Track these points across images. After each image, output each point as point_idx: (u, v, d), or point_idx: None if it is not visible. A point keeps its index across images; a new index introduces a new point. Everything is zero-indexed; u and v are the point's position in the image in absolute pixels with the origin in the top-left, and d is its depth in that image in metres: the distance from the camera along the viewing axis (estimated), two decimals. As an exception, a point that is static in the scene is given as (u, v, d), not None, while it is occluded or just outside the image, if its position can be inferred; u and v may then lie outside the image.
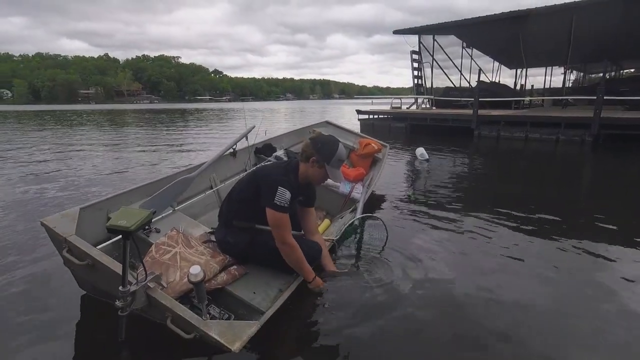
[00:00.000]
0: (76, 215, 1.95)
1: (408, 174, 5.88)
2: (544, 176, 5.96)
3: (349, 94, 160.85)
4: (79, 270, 1.88)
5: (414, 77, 16.52)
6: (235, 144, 3.39)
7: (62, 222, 1.86)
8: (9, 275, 2.43)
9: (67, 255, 1.75)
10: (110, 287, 1.62)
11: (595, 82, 18.91)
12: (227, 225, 2.17)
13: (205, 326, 1.48)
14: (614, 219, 3.48)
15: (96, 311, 2.01)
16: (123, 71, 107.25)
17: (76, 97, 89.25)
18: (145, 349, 1.75)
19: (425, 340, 1.81)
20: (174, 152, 8.38)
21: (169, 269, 1.87)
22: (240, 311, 1.91)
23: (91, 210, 2.10)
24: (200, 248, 2.12)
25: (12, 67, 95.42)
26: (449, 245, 2.88)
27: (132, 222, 1.47)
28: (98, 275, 1.76)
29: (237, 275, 2.06)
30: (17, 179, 5.42)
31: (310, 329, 1.90)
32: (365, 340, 1.78)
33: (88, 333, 1.89)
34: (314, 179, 2.14)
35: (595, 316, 1.98)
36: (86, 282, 2.03)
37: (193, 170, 2.86)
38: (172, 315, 1.54)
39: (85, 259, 1.71)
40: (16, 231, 3.25)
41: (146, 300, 1.58)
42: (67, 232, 1.79)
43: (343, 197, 3.46)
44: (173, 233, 2.13)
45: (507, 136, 9.89)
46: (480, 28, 13.96)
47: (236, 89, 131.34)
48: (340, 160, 2.11)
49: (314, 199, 2.35)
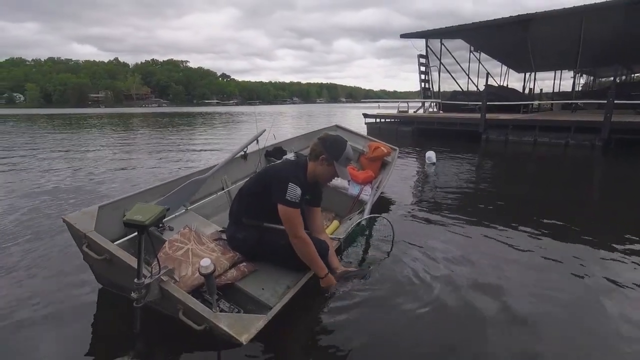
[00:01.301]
0: (95, 212, 2.03)
1: (416, 177, 5.89)
2: (553, 180, 5.93)
3: (356, 98, 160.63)
4: (97, 265, 1.96)
5: (421, 81, 16.54)
6: (246, 146, 3.46)
7: (82, 219, 1.95)
8: (31, 270, 2.53)
9: (86, 250, 1.84)
10: (126, 281, 1.69)
11: (606, 85, 18.78)
12: (237, 222, 2.23)
13: (215, 318, 1.53)
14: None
15: (113, 305, 2.08)
16: (132, 75, 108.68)
17: (86, 101, 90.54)
18: (159, 340, 1.80)
19: (428, 341, 1.82)
20: (185, 153, 8.49)
21: (182, 265, 1.94)
22: (249, 306, 1.95)
23: (109, 209, 2.18)
24: (211, 245, 2.18)
25: (25, 72, 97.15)
26: (456, 248, 2.88)
27: (147, 217, 1.53)
28: (115, 269, 1.83)
29: (247, 271, 2.11)
30: (35, 180, 5.54)
31: (317, 325, 1.93)
32: (368, 339, 1.80)
33: (105, 325, 1.97)
34: (322, 177, 2.18)
35: (604, 324, 1.95)
36: (104, 277, 2.10)
37: (205, 172, 2.95)
38: (184, 307, 1.59)
39: (103, 254, 1.79)
40: (37, 228, 3.34)
41: (159, 293, 1.64)
42: (86, 229, 1.87)
43: (352, 199, 3.50)
44: (185, 230, 2.19)
45: (516, 140, 9.80)
46: (488, 32, 13.94)
47: (243, 93, 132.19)
48: (347, 158, 2.17)
49: (321, 199, 2.39)
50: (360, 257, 2.63)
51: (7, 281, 2.38)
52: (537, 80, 16.91)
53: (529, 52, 13.34)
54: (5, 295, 2.20)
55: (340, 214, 3.43)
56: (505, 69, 19.05)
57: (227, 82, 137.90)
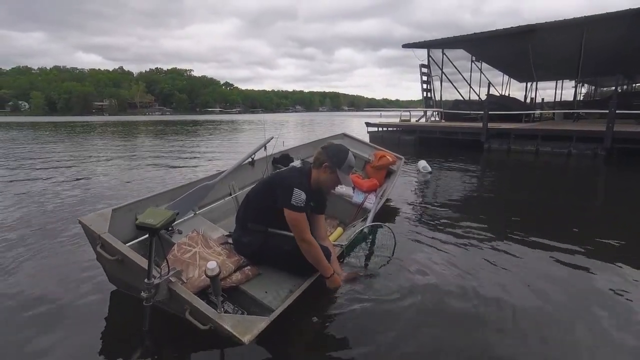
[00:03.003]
0: (109, 215, 2.12)
1: (418, 186, 5.91)
2: (556, 189, 5.94)
3: (358, 106, 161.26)
4: (109, 265, 2.04)
5: (423, 90, 16.67)
6: (254, 153, 3.54)
7: (97, 220, 2.03)
8: (46, 270, 2.64)
9: (100, 251, 1.92)
10: (137, 281, 1.76)
11: (607, 95, 18.84)
12: (243, 227, 2.29)
13: (220, 318, 1.60)
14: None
15: (124, 304, 2.16)
16: (137, 84, 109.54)
17: (90, 109, 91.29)
18: (166, 339, 1.87)
19: (428, 345, 1.84)
20: (192, 161, 8.56)
21: (189, 267, 2.00)
22: (253, 309, 2.00)
23: (122, 211, 2.27)
24: (218, 249, 2.24)
25: (30, 80, 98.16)
26: (457, 255, 2.90)
27: (158, 220, 1.63)
28: (126, 270, 1.91)
29: (251, 275, 2.17)
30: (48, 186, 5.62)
31: (317, 328, 1.97)
32: (368, 342, 1.83)
33: (115, 323, 2.05)
34: (325, 184, 2.25)
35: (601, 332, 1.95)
36: (115, 277, 2.17)
37: (213, 178, 3.04)
38: (190, 307, 1.66)
39: (116, 255, 1.87)
40: (51, 229, 3.46)
41: (168, 293, 1.71)
42: (101, 230, 1.96)
43: (356, 207, 3.54)
44: (194, 234, 2.26)
45: (518, 149, 9.83)
46: (490, 42, 14.08)
47: (246, 101, 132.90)
48: (350, 166, 2.25)
49: (325, 207, 2.45)
50: (362, 264, 2.66)
51: (20, 278, 2.49)
52: (539, 90, 17.07)
53: (531, 62, 13.46)
54: (20, 292, 2.30)
55: (344, 221, 3.47)
56: (507, 78, 19.18)
57: (230, 90, 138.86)
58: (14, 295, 2.26)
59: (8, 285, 2.39)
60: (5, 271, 2.58)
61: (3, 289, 2.34)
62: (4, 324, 1.98)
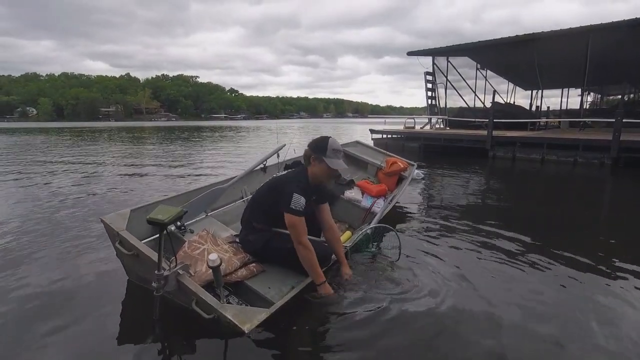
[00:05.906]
0: (127, 214, 2.31)
1: (423, 193, 5.91)
2: (561, 198, 5.91)
3: (363, 113, 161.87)
4: (126, 259, 2.26)
5: (428, 98, 16.73)
6: (266, 160, 3.59)
7: (116, 219, 2.24)
8: (69, 264, 2.87)
9: (118, 247, 2.12)
10: (149, 274, 1.92)
11: (614, 104, 18.79)
12: (248, 226, 2.42)
13: (222, 308, 1.76)
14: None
15: (137, 295, 2.32)
16: (143, 90, 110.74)
17: (97, 115, 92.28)
18: (173, 327, 2.00)
19: (425, 344, 1.86)
20: (202, 168, 8.62)
21: (197, 262, 2.11)
22: (256, 302, 2.09)
23: (139, 212, 2.41)
24: (225, 247, 2.35)
25: (39, 87, 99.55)
26: (461, 261, 2.89)
27: (166, 216, 1.76)
28: (141, 263, 2.10)
29: (255, 271, 2.27)
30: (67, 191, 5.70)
31: (318, 322, 2.04)
32: (366, 341, 1.85)
33: (129, 312, 2.23)
34: (320, 175, 2.30)
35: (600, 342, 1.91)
36: (131, 270, 2.36)
37: (226, 182, 3.16)
38: (197, 298, 1.80)
39: (132, 250, 2.07)
40: (73, 227, 3.76)
41: (176, 285, 1.86)
42: (119, 228, 2.15)
43: (364, 211, 3.61)
44: (203, 233, 2.39)
45: (523, 157, 9.78)
46: (495, 50, 14.13)
47: (251, 107, 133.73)
48: (334, 149, 2.27)
49: (327, 196, 2.54)
50: (367, 266, 2.67)
51: (37, 269, 2.76)
52: (544, 98, 17.05)
53: (536, 71, 13.47)
54: (36, 284, 2.50)
55: (353, 224, 3.56)
56: (512, 86, 19.23)
57: (236, 96, 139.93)
58: (43, 284, 2.51)
59: (38, 273, 2.68)
60: (36, 263, 2.88)
61: (35, 278, 2.61)
62: (38, 307, 2.21)
